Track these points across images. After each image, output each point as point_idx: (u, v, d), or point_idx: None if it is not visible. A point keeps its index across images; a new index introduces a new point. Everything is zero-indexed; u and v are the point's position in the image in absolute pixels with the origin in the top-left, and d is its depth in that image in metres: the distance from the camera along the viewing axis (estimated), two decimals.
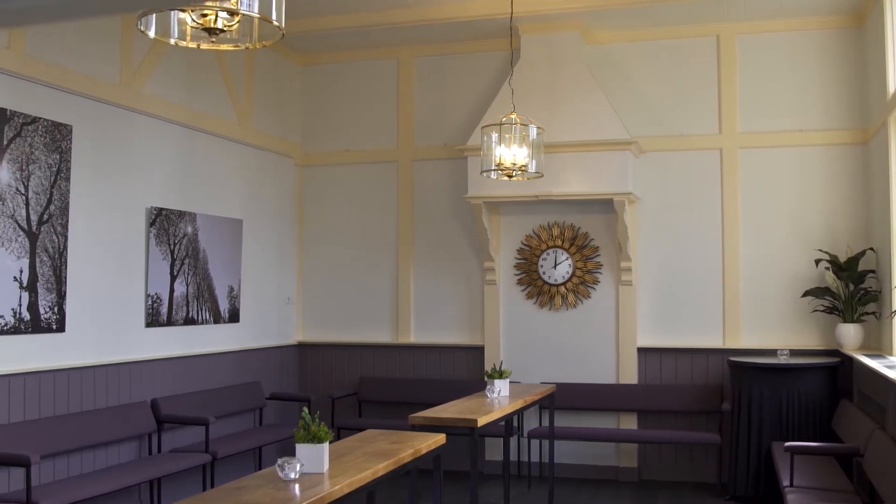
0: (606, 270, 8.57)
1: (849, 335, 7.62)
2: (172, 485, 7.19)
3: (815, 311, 7.96)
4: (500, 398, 6.58)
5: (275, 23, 3.11)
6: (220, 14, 3.11)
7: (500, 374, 6.74)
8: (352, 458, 4.23)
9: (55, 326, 6.29)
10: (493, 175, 6.82)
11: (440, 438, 4.93)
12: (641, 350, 8.45)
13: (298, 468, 3.78)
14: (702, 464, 8.28)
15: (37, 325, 6.13)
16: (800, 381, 7.39)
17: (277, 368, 9.07)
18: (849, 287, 7.67)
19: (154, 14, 3.15)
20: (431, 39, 8.92)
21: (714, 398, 8.15)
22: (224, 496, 3.53)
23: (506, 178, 6.90)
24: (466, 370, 8.91)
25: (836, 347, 7.81)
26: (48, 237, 6.23)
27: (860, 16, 7.98)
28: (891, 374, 5.48)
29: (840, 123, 8.11)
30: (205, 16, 3.12)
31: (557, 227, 8.69)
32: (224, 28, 3.15)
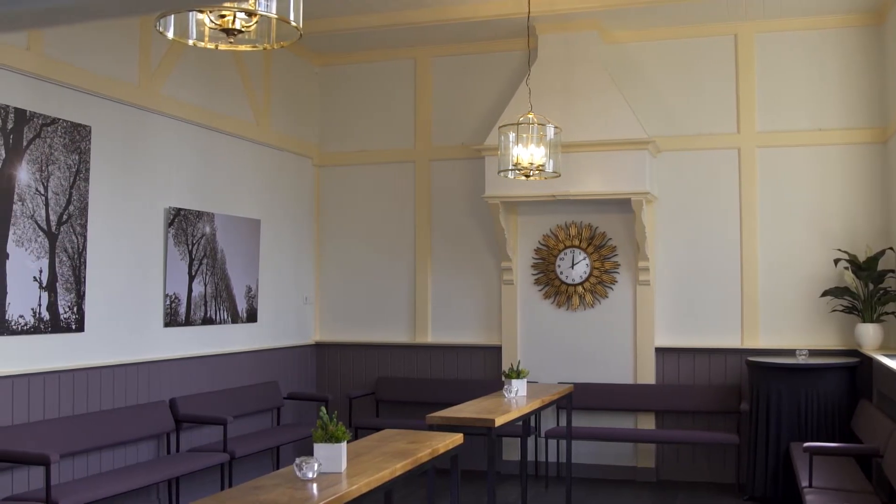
0: (624, 270, 8.55)
1: (868, 335, 7.57)
2: (190, 484, 7.23)
3: (834, 311, 7.92)
4: (518, 398, 6.57)
5: (292, 23, 3.12)
6: (238, 15, 3.12)
7: (518, 374, 6.73)
8: (369, 458, 4.24)
9: (74, 326, 6.33)
10: (511, 175, 6.81)
11: (458, 438, 4.93)
12: (659, 350, 8.42)
13: (316, 468, 3.79)
14: (720, 464, 8.25)
15: (56, 325, 6.17)
16: (819, 382, 7.35)
17: (295, 368, 9.09)
18: (868, 287, 7.63)
19: (173, 15, 3.17)
20: (448, 39, 8.92)
21: (732, 398, 8.11)
22: (242, 495, 3.54)
23: (523, 178, 6.88)
24: (484, 370, 8.91)
25: (856, 347, 7.76)
26: (67, 237, 6.26)
27: (880, 14, 7.92)
28: None
29: (859, 122, 8.06)
30: (223, 17, 3.13)
31: (575, 227, 8.67)
32: (242, 29, 3.17)
